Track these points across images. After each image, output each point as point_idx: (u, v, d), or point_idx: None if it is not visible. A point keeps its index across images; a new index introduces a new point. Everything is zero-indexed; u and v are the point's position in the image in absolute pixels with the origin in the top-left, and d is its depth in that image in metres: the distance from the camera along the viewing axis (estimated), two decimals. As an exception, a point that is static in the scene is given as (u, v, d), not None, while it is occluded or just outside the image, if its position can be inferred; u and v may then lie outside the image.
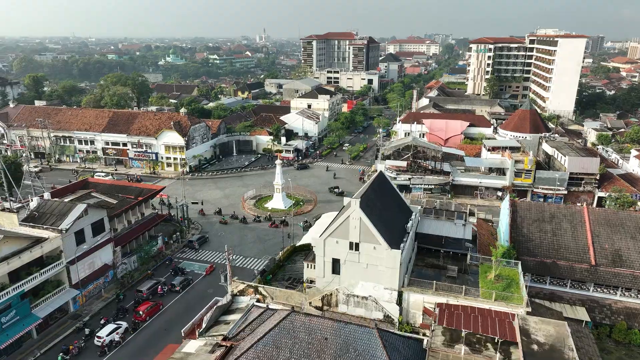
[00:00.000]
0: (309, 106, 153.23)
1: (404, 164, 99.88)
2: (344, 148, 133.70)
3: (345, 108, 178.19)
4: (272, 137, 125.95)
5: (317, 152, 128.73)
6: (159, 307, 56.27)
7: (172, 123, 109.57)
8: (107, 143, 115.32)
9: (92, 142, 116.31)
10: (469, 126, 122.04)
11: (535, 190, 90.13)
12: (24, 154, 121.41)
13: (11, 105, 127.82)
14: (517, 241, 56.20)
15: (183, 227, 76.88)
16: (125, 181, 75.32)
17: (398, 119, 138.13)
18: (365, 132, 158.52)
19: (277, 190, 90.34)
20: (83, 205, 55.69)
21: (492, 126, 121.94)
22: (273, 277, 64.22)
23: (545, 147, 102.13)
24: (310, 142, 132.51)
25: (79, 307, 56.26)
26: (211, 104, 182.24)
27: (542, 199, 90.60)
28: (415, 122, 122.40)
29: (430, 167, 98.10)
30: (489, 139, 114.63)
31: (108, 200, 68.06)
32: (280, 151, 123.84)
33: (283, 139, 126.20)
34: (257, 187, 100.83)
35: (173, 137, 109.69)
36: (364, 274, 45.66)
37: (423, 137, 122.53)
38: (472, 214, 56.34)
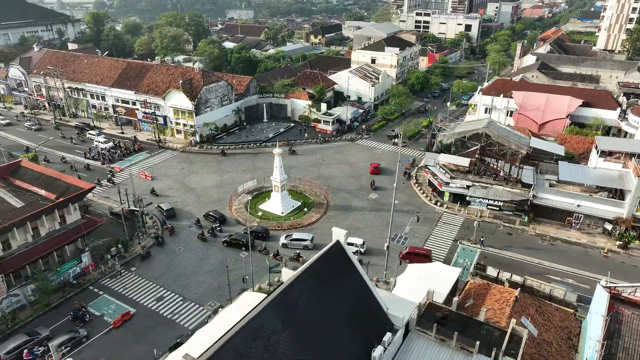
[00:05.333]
0: (373, 61, 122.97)
1: (465, 161, 69.75)
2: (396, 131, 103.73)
3: (425, 63, 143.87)
4: (310, 101, 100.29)
5: (364, 125, 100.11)
6: (5, 392, 38.18)
7: (180, 82, 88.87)
8: (117, 100, 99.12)
9: (103, 98, 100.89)
10: (581, 105, 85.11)
11: (671, 232, 55.94)
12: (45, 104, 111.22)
13: (35, 49, 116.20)
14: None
15: (126, 238, 57.58)
16: (57, 172, 57.59)
17: (484, 84, 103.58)
18: (440, 99, 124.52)
19: (276, 188, 66.83)
20: None
21: (619, 108, 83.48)
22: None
23: (703, 154, 64.44)
24: (361, 111, 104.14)
25: None
26: (271, 51, 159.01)
27: (682, 247, 56.31)
28: (502, 95, 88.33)
29: (503, 173, 66.97)
30: (609, 131, 78.06)
31: (11, 202, 50.47)
32: (318, 121, 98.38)
33: (323, 106, 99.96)
34: (266, 174, 77.99)
35: (180, 99, 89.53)
36: None
37: (510, 116, 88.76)
38: (514, 338, 28.01)
